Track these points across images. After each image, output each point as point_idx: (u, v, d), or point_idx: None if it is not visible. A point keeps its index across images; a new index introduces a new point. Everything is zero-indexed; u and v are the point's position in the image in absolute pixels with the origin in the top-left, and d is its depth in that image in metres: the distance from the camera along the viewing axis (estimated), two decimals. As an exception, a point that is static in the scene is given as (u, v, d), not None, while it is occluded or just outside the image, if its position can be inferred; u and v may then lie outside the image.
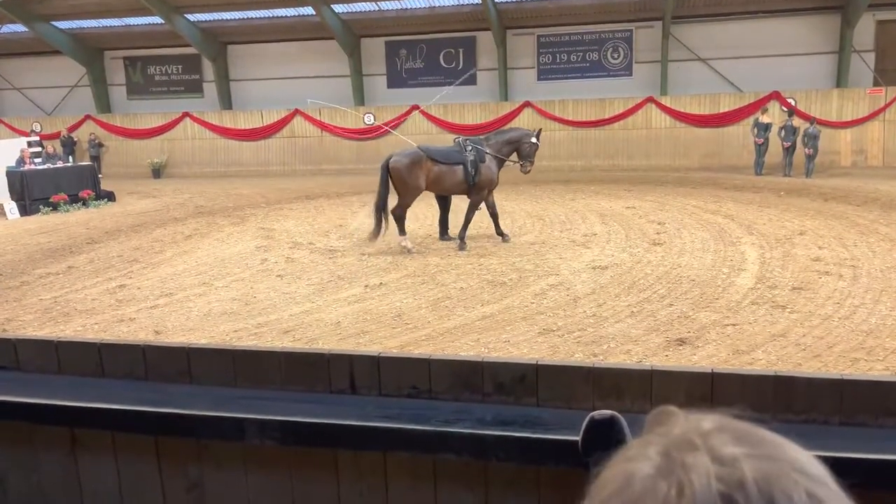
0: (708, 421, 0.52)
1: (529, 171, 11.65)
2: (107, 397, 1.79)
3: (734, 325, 7.11)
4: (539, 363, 1.63)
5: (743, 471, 0.46)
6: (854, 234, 11.03)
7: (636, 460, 0.50)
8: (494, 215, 11.32)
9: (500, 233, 11.37)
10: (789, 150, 18.39)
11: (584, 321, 7.44)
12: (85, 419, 1.78)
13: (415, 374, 1.69)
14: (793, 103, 19.84)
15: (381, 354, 1.72)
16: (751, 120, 19.55)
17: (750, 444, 0.49)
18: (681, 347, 6.58)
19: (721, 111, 20.66)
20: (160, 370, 1.90)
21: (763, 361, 6.17)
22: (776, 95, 20.07)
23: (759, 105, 20.09)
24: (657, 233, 11.64)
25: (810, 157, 18.06)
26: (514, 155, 11.54)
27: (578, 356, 6.48)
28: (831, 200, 14.23)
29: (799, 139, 18.29)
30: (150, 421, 1.72)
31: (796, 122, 18.57)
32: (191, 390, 1.86)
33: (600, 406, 1.60)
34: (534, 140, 11.46)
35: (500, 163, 11.39)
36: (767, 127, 18.66)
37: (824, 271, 8.88)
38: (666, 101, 21.05)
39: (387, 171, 10.88)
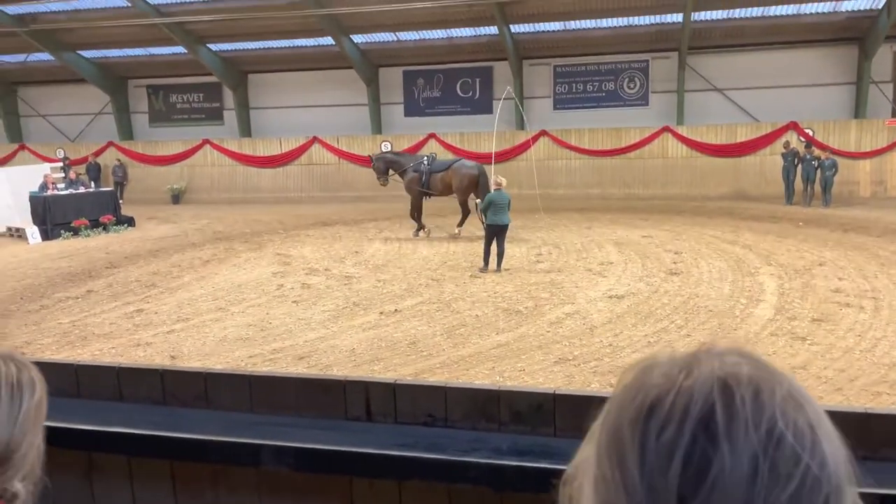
0: (724, 345, 0.62)
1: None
2: (124, 421, 1.80)
3: (753, 356, 7.01)
4: (556, 392, 1.62)
5: (741, 369, 0.58)
6: (874, 265, 10.90)
7: (659, 357, 0.62)
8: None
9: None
10: (809, 181, 18.34)
11: (601, 351, 7.38)
12: (102, 443, 1.79)
13: (431, 401, 1.68)
14: (811, 134, 19.78)
15: (398, 382, 1.71)
16: (775, 149, 19.56)
17: (752, 360, 0.60)
18: (699, 378, 6.50)
19: (738, 141, 20.63)
20: (177, 394, 1.90)
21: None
22: (794, 126, 20.03)
23: (777, 136, 20.05)
24: (674, 262, 11.57)
25: (827, 188, 18.02)
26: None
27: (595, 386, 6.42)
28: (851, 231, 14.09)
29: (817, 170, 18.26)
30: (167, 446, 1.72)
31: (815, 152, 18.52)
32: (207, 415, 1.86)
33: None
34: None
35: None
36: (796, 156, 18.62)
37: (845, 303, 8.77)
38: (682, 130, 21.06)
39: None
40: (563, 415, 1.61)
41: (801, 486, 0.53)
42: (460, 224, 14.99)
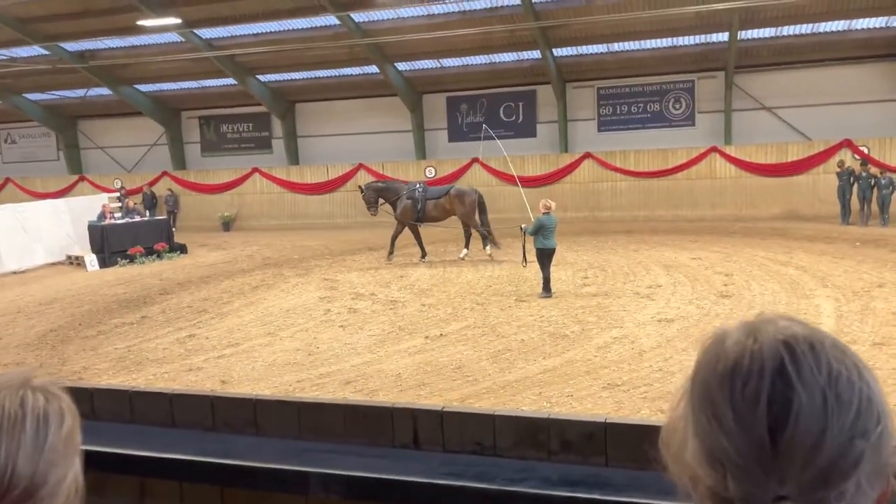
0: (777, 314, 0.76)
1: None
2: (176, 447, 1.82)
3: (811, 381, 6.77)
4: (608, 421, 1.58)
5: (795, 330, 0.72)
6: (938, 286, 10.46)
7: (728, 327, 0.76)
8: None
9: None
10: (865, 200, 17.78)
11: (651, 376, 7.22)
12: (154, 469, 1.82)
13: (479, 429, 1.66)
14: (866, 151, 19.20)
15: (445, 409, 1.70)
16: (828, 168, 19.09)
17: (799, 323, 0.74)
18: (754, 405, 6.29)
19: (789, 160, 20.15)
20: (228, 421, 1.92)
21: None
22: (847, 143, 19.48)
23: (830, 154, 19.53)
24: (725, 285, 11.30)
25: (885, 207, 17.43)
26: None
27: (645, 412, 6.28)
28: (912, 251, 13.57)
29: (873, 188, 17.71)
30: (218, 472, 1.73)
31: (871, 170, 17.97)
32: (256, 441, 1.87)
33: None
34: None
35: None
36: (851, 175, 18.09)
37: (907, 326, 8.42)
38: (730, 150, 20.69)
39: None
40: (616, 444, 1.57)
41: (859, 407, 0.68)
42: (467, 245, 15.26)
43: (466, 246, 15.24)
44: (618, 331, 8.96)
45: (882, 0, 17.28)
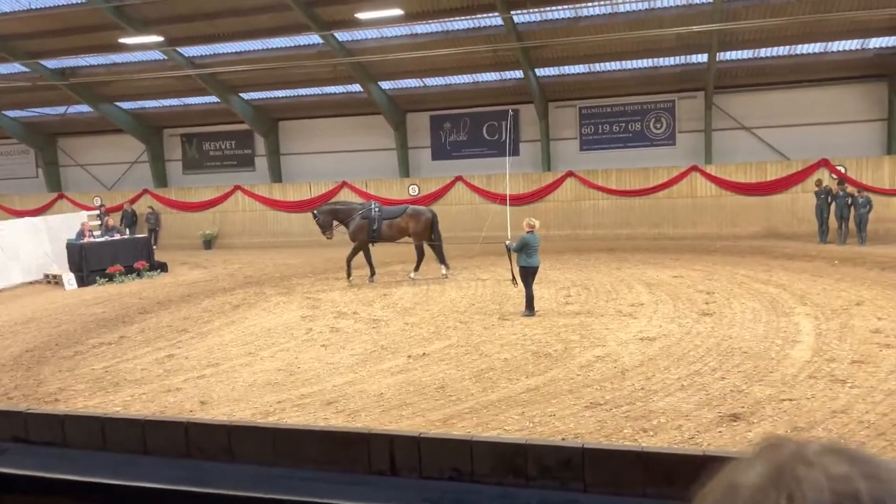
0: (819, 444, 0.52)
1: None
2: (147, 475, 1.79)
3: (791, 399, 6.81)
4: (585, 446, 1.57)
5: (857, 487, 0.44)
6: (915, 304, 10.60)
7: (743, 472, 0.49)
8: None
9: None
10: (843, 219, 18.06)
11: (633, 395, 7.23)
12: (127, 498, 1.77)
13: (457, 455, 1.64)
14: (843, 171, 19.52)
15: (422, 435, 1.68)
16: (806, 187, 19.35)
17: (863, 464, 0.48)
18: (735, 424, 6.31)
19: (768, 179, 20.42)
20: (202, 447, 1.89)
21: (825, 440, 5.87)
22: (825, 163, 19.79)
23: (808, 173, 19.84)
24: (706, 303, 11.37)
25: (862, 226, 17.73)
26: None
27: (627, 432, 6.27)
28: (888, 269, 13.76)
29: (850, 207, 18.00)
30: (191, 500, 1.70)
31: (848, 189, 18.27)
32: (230, 469, 1.84)
33: (651, 493, 1.52)
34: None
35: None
36: (828, 194, 18.36)
37: (885, 343, 8.51)
38: (711, 169, 20.94)
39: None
40: (594, 469, 1.56)
41: None
42: (417, 268, 15.29)
43: (417, 268, 15.31)
44: (600, 349, 8.97)
45: (857, 23, 17.65)
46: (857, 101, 20.08)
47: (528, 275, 11.20)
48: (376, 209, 15.40)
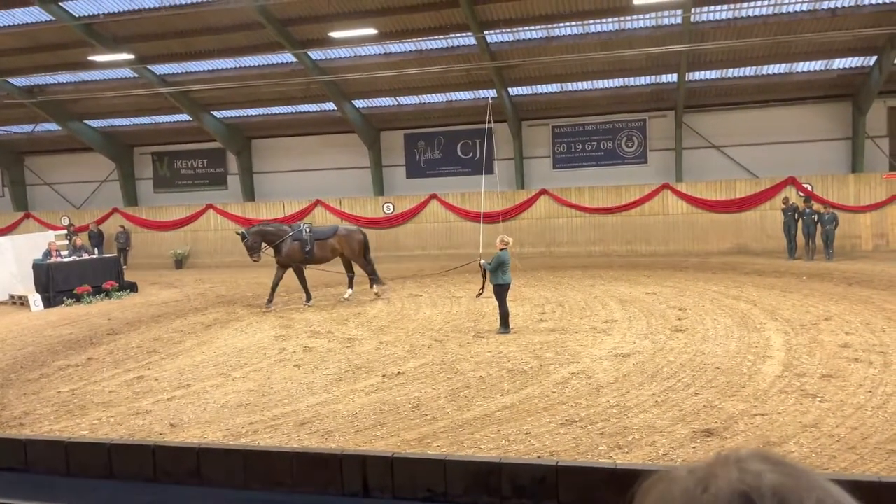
0: (748, 450, 0.60)
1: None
2: (113, 501, 1.74)
3: (763, 414, 6.88)
4: (559, 464, 1.57)
5: (763, 478, 0.54)
6: (881, 319, 10.80)
7: (676, 472, 0.60)
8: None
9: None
10: (810, 235, 18.43)
11: (608, 411, 7.24)
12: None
13: (430, 476, 1.62)
14: (810, 188, 19.94)
15: (395, 455, 1.66)
16: (774, 204, 19.69)
17: (776, 464, 0.56)
18: (708, 439, 6.35)
19: (738, 197, 20.79)
20: (170, 471, 1.85)
21: (796, 454, 5.93)
22: (792, 181, 20.21)
23: (776, 191, 20.23)
24: (679, 319, 11.48)
25: (829, 242, 18.12)
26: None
27: (602, 448, 6.28)
28: (855, 285, 14.03)
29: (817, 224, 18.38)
30: (157, 526, 1.65)
31: (815, 206, 18.66)
32: (200, 492, 1.80)
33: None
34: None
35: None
36: (795, 211, 18.72)
37: (853, 358, 8.65)
38: (682, 187, 21.25)
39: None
40: (567, 487, 1.55)
41: None
42: (350, 285, 15.37)
43: (350, 286, 15.34)
44: (575, 366, 8.99)
45: (820, 45, 18.13)
46: (823, 121, 20.57)
47: (503, 292, 11.22)
48: (307, 230, 15.15)
